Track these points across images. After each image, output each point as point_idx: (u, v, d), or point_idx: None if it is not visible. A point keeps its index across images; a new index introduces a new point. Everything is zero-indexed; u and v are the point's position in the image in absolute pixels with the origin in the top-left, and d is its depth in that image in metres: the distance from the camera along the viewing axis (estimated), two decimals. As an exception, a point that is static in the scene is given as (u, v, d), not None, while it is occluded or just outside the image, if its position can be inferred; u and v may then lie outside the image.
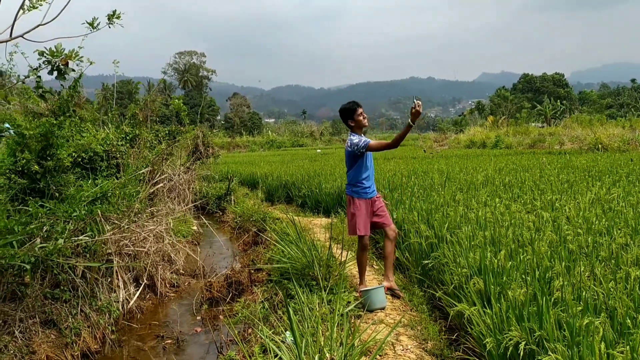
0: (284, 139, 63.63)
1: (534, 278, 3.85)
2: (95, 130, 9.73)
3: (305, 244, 6.07)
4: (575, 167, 13.19)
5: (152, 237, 7.49)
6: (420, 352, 4.07)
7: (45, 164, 6.57)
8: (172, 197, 11.85)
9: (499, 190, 8.97)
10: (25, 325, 5.21)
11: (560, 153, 23.01)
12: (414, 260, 6.02)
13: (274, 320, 5.04)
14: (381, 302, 5.03)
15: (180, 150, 13.83)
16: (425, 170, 13.98)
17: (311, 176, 14.54)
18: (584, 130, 33.65)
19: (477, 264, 4.42)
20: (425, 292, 5.44)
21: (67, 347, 5.41)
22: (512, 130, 43.06)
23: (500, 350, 3.18)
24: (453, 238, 5.33)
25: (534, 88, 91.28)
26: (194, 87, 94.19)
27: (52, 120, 6.63)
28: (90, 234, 6.07)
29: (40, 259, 5.21)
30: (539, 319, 3.10)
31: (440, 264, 5.09)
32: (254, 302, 6.05)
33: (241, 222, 11.45)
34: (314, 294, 5.09)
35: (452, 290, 4.41)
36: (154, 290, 7.53)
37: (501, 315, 3.37)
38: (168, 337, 6.04)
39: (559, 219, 6.06)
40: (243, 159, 30.47)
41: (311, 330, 3.92)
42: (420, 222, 6.37)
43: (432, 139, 44.82)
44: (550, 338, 2.93)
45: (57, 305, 5.67)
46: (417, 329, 4.54)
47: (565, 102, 74.64)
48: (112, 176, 8.41)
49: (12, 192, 6.33)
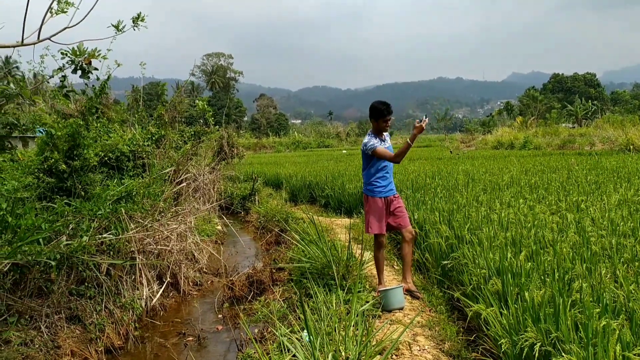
0: (310, 140, 63.78)
1: (553, 279, 3.79)
2: (122, 131, 9.93)
3: (325, 244, 6.08)
4: (605, 168, 12.91)
5: (176, 236, 7.60)
6: (437, 353, 4.05)
7: (72, 163, 6.73)
8: (197, 197, 11.99)
9: (524, 191, 8.85)
10: (51, 320, 5.34)
11: (590, 154, 22.54)
12: (434, 260, 5.99)
13: (292, 319, 5.07)
14: (399, 302, 5.01)
15: (206, 151, 13.99)
16: (450, 171, 13.86)
17: (334, 177, 14.56)
18: (615, 131, 32.88)
19: (496, 264, 4.38)
20: (445, 293, 5.41)
21: (92, 342, 5.53)
22: (542, 131, 42.35)
23: (515, 351, 3.15)
24: (474, 239, 5.28)
25: (565, 88, 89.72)
26: (221, 89, 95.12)
27: (79, 121, 6.79)
28: (115, 232, 6.19)
29: (65, 256, 5.34)
30: (555, 320, 3.06)
31: (460, 265, 5.05)
32: (274, 301, 6.09)
33: (265, 222, 11.53)
34: (333, 294, 5.10)
35: (471, 291, 4.37)
36: (177, 289, 7.64)
37: (517, 316, 3.33)
38: (190, 334, 6.12)
39: (583, 221, 5.95)
40: (268, 159, 30.65)
41: (327, 329, 3.93)
42: (442, 223, 6.33)
43: (459, 140, 44.40)
44: (565, 339, 2.89)
45: (82, 302, 5.80)
46: (434, 330, 4.52)
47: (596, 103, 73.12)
48: (138, 176, 8.56)
49: (40, 191, 6.50)
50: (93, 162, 7.09)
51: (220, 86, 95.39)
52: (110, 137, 8.79)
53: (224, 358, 5.56)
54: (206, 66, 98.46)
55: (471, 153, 29.29)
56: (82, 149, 6.88)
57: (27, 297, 5.32)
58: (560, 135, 37.98)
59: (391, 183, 5.54)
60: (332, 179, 14.13)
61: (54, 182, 6.63)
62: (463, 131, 66.85)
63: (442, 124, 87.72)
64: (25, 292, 5.35)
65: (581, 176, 10.97)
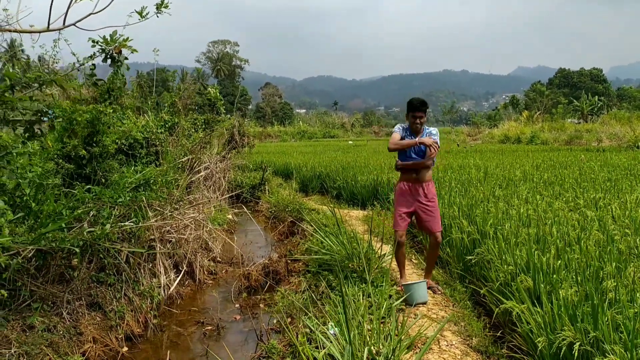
0: (315, 130, 63.69)
1: (584, 278, 3.78)
2: (135, 117, 9.91)
3: (346, 236, 6.08)
4: (616, 165, 12.87)
5: (193, 224, 7.60)
6: (465, 348, 4.05)
7: (92, 149, 6.72)
8: (208, 186, 12.00)
9: (539, 187, 8.83)
10: (73, 307, 5.35)
11: (598, 150, 22.48)
12: (455, 255, 5.98)
13: (314, 311, 5.06)
14: (423, 297, 5.01)
15: (218, 139, 13.99)
16: (461, 165, 13.84)
17: (345, 168, 14.54)
18: (622, 127, 32.77)
19: (523, 261, 4.36)
20: (467, 288, 5.40)
21: (112, 329, 5.54)
22: (548, 126, 42.24)
23: (552, 350, 3.14)
24: (499, 233, 5.27)
25: (571, 83, 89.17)
26: (226, 76, 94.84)
27: (98, 107, 6.77)
28: (135, 220, 6.19)
29: (88, 243, 5.34)
30: (593, 320, 3.05)
31: (484, 261, 5.04)
32: (294, 292, 6.10)
33: (276, 212, 11.53)
34: (355, 286, 5.11)
35: (499, 287, 4.36)
36: (192, 277, 7.66)
37: (553, 315, 3.32)
38: (208, 323, 6.13)
39: (604, 218, 5.93)
40: (275, 149, 30.62)
41: (355, 323, 3.93)
42: (462, 218, 6.31)
43: (465, 133, 44.30)
44: (606, 339, 2.88)
45: (102, 289, 5.80)
46: (460, 325, 4.52)
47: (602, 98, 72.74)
48: (151, 163, 8.55)
49: (59, 177, 6.49)
50: (112, 149, 7.08)
51: (226, 74, 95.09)
52: (123, 124, 8.77)
53: (244, 348, 5.56)
54: (212, 53, 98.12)
55: (478, 147, 29.23)
56: (101, 135, 6.87)
57: (48, 283, 5.33)
58: (566, 130, 37.86)
59: (423, 172, 5.37)
60: (343, 170, 14.11)
61: (73, 168, 6.62)
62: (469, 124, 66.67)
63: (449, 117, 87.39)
64: (47, 278, 5.35)
65: (594, 173, 10.94)
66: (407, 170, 5.33)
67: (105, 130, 7.06)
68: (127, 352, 5.42)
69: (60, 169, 6.56)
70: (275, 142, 51.28)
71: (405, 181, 5.38)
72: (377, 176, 12.10)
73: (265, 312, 6.26)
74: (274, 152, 24.92)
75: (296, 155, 22.00)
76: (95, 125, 6.79)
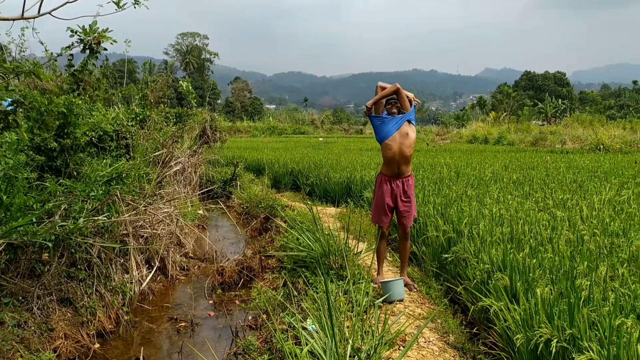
0: (286, 126, 63.48)
1: (559, 276, 3.88)
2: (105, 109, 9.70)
3: (322, 233, 6.09)
4: (580, 167, 13.24)
5: (167, 219, 7.51)
6: (442, 345, 4.11)
7: (63, 141, 6.56)
8: (180, 180, 11.86)
9: (510, 187, 9.01)
10: (43, 302, 5.23)
11: (562, 152, 23.08)
12: (431, 253, 6.05)
13: (291, 308, 5.06)
14: (400, 295, 5.07)
15: (188, 133, 13.82)
16: (432, 164, 14.01)
17: (318, 165, 14.56)
18: (585, 130, 33.73)
19: (499, 260, 4.45)
20: (443, 285, 5.48)
21: (83, 325, 5.44)
22: (514, 127, 43.18)
23: (530, 346, 3.22)
24: (473, 232, 5.36)
25: (536, 86, 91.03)
26: (195, 70, 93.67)
27: (71, 98, 6.61)
28: (108, 214, 6.07)
29: (60, 237, 5.22)
30: (569, 317, 3.14)
31: (460, 259, 5.12)
32: (270, 288, 6.08)
33: (249, 208, 11.47)
34: (333, 283, 5.12)
35: (475, 285, 4.45)
36: (164, 273, 7.56)
37: (530, 312, 3.40)
38: (181, 320, 6.06)
39: (573, 219, 6.10)
40: (246, 144, 30.43)
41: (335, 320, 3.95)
42: (437, 216, 6.40)
43: (434, 133, 44.86)
44: (583, 337, 2.97)
45: (73, 284, 5.68)
46: (437, 322, 4.59)
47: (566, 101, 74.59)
48: (122, 157, 8.40)
49: (29, 169, 6.32)
50: (83, 142, 6.92)
51: (195, 67, 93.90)
52: (92, 116, 8.58)
53: (218, 344, 5.52)
54: (181, 46, 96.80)
55: (447, 146, 29.65)
56: (73, 127, 6.71)
57: (19, 278, 5.19)
58: (532, 132, 38.77)
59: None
60: (315, 167, 14.13)
61: (43, 160, 6.45)
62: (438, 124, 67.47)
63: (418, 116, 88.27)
64: (17, 273, 5.21)
65: (561, 174, 11.23)
66: (389, 165, 5.34)
67: (76, 122, 6.90)
68: (98, 349, 5.33)
69: (30, 161, 6.38)
70: (245, 137, 50.91)
71: (386, 175, 5.41)
72: (351, 173, 12.16)
73: (241, 308, 6.23)
74: (244, 148, 24.75)
75: (267, 151, 21.90)
76: (67, 117, 6.62)
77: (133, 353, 5.34)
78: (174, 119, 12.19)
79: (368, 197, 9.60)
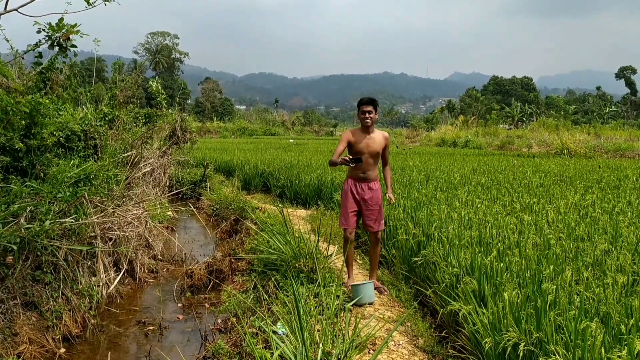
0: (256, 127, 63.28)
1: (526, 280, 3.96)
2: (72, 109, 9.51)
3: (293, 236, 6.09)
4: (546, 171, 13.52)
5: (137, 221, 7.40)
6: (412, 348, 4.16)
7: (29, 142, 6.40)
8: (149, 182, 11.69)
9: (478, 191, 9.15)
10: (7, 306, 5.10)
11: (529, 156, 23.58)
12: (401, 256, 6.11)
13: (261, 311, 5.04)
14: (370, 297, 5.10)
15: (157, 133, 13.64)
16: (402, 167, 14.13)
17: (288, 167, 14.54)
18: (550, 134, 34.54)
19: (468, 263, 4.52)
20: (412, 289, 5.54)
21: (49, 330, 5.32)
22: (482, 130, 43.90)
23: (498, 349, 3.28)
24: (443, 235, 5.42)
25: (503, 90, 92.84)
26: (165, 69, 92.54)
27: (38, 98, 6.46)
28: (76, 216, 5.95)
29: (26, 239, 5.10)
30: (536, 321, 3.21)
31: (429, 262, 5.18)
32: (240, 291, 6.05)
33: (219, 210, 11.39)
34: (303, 287, 5.13)
35: (444, 289, 4.50)
36: (132, 276, 7.45)
37: (498, 316, 3.47)
38: (150, 323, 5.98)
39: (539, 223, 6.23)
40: (216, 145, 30.22)
41: (305, 324, 3.95)
42: (407, 219, 6.46)
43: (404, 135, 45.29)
44: (549, 340, 3.04)
45: (39, 288, 5.55)
46: (407, 325, 4.63)
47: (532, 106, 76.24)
48: (90, 157, 8.24)
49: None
50: (50, 142, 6.77)
51: (165, 66, 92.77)
52: (60, 115, 8.40)
53: (187, 348, 5.47)
54: (150, 45, 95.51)
55: (416, 149, 29.98)
56: (39, 127, 6.55)
57: (-20, 282, 5.06)
58: (499, 136, 39.51)
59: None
60: (286, 169, 14.10)
61: (8, 161, 6.28)
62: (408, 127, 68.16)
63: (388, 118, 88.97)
64: (-22, 276, 5.07)
65: (527, 178, 11.45)
66: (355, 169, 5.38)
67: (43, 122, 6.74)
68: (64, 354, 5.22)
69: (-5, 162, 6.21)
70: (215, 138, 50.51)
71: (352, 179, 5.46)
72: (321, 176, 12.17)
73: (211, 311, 6.18)
74: (214, 149, 24.56)
75: (238, 152, 21.78)
76: (33, 117, 6.47)
77: (100, 357, 5.24)
78: (143, 120, 12.01)
79: (338, 199, 9.63)
